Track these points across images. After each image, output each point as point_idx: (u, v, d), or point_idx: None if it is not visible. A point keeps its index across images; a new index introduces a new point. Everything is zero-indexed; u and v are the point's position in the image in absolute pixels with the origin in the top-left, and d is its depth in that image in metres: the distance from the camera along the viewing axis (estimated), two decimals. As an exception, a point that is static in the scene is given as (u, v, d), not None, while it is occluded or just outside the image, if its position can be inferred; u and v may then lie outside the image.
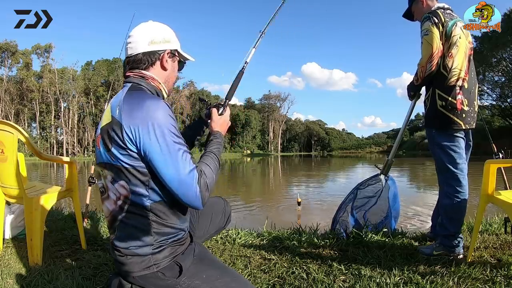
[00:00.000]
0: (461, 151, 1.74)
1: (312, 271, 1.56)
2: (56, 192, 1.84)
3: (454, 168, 1.73)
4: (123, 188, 0.91)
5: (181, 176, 0.87)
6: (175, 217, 0.97)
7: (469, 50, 1.77)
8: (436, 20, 1.69)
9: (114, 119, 0.89)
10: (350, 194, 2.40)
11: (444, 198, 1.77)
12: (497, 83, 34.56)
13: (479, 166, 1.77)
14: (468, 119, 1.72)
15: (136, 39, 1.01)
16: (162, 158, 0.87)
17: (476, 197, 1.72)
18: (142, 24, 1.05)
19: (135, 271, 0.94)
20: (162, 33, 1.04)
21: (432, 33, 1.67)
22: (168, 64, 1.06)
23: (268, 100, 74.02)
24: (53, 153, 44.91)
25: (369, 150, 76.75)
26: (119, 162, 0.89)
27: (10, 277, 1.51)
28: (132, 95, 0.93)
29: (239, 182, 11.12)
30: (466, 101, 1.70)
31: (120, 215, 0.93)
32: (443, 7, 1.79)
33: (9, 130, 1.68)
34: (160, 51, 1.03)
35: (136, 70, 1.02)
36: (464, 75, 1.71)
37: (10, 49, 43.40)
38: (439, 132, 1.77)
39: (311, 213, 4.91)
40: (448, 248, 1.73)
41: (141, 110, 0.87)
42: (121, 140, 0.87)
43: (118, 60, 48.65)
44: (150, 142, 0.86)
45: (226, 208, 1.43)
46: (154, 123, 0.86)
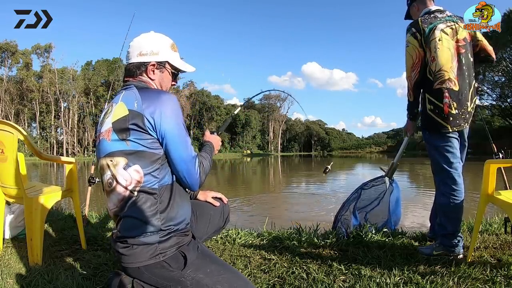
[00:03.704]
0: (454, 151, 1.77)
1: (312, 271, 1.56)
2: (56, 192, 1.84)
3: (449, 168, 1.76)
4: (137, 172, 0.99)
5: (189, 158, 1.04)
6: (180, 201, 1.06)
7: (457, 49, 1.74)
8: (414, 30, 1.77)
9: (132, 111, 1.00)
10: (354, 193, 2.40)
11: (441, 198, 1.79)
12: (497, 83, 34.56)
13: (479, 166, 1.78)
14: (457, 122, 1.73)
15: (130, 50, 1.15)
16: (177, 140, 1.03)
17: (476, 197, 1.71)
18: (141, 35, 1.17)
19: (141, 260, 0.98)
20: (151, 46, 1.14)
21: (411, 44, 1.77)
22: (154, 75, 1.16)
23: (268, 100, 74.01)
24: (53, 153, 44.89)
25: (369, 150, 76.78)
26: (138, 147, 0.99)
27: (10, 277, 1.51)
28: (147, 91, 1.05)
29: (239, 182, 11.12)
30: (454, 104, 1.71)
31: (130, 200, 0.99)
32: (429, 11, 1.83)
33: (9, 130, 1.68)
34: (146, 62, 1.14)
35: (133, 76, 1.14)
36: (454, 76, 1.71)
37: (10, 49, 43.40)
38: (431, 134, 1.81)
39: (312, 213, 4.90)
40: (448, 248, 1.73)
41: (160, 102, 1.01)
42: (142, 128, 0.99)
43: (118, 60, 48.69)
44: (168, 127, 1.01)
45: (224, 208, 1.43)
46: (172, 113, 1.02)
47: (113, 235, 1.07)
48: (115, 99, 1.11)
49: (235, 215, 4.52)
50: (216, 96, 67.27)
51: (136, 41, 1.15)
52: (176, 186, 1.06)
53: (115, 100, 1.09)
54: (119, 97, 1.08)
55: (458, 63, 1.74)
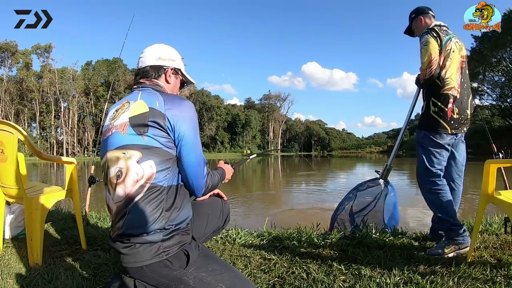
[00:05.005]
0: (441, 158, 1.89)
1: (312, 271, 1.56)
2: (56, 192, 1.84)
3: (433, 169, 1.87)
4: (150, 167, 1.01)
5: (200, 163, 1.10)
6: (183, 202, 1.09)
7: (461, 63, 1.90)
8: (435, 34, 1.85)
9: (154, 110, 1.04)
10: (349, 194, 2.40)
11: (429, 195, 1.89)
12: (497, 83, 34.50)
13: (479, 166, 1.78)
14: (456, 125, 1.87)
15: (146, 55, 1.22)
16: (192, 145, 1.08)
17: (476, 197, 1.71)
18: (155, 44, 1.25)
19: (144, 259, 0.98)
20: (169, 53, 1.24)
21: (430, 44, 1.82)
22: (171, 79, 1.23)
23: (268, 100, 74.04)
24: (53, 153, 44.89)
25: (369, 150, 76.74)
26: (154, 143, 1.02)
27: (10, 277, 1.51)
28: (169, 95, 1.12)
29: (239, 182, 11.12)
30: (457, 109, 1.85)
31: (138, 195, 0.99)
32: (439, 24, 1.93)
33: (9, 130, 1.67)
34: (165, 66, 1.22)
35: (149, 79, 1.19)
36: (457, 86, 1.86)
37: (10, 49, 43.40)
38: (426, 135, 1.90)
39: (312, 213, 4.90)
40: (457, 240, 1.77)
41: (182, 107, 1.08)
42: (161, 126, 1.03)
43: (118, 60, 48.75)
44: (186, 132, 1.06)
45: (224, 207, 1.43)
46: (191, 119, 1.09)
47: (112, 234, 1.05)
48: (130, 97, 1.13)
49: (235, 215, 4.52)
50: (216, 96, 67.26)
51: (153, 47, 1.23)
52: (181, 188, 1.09)
53: (132, 98, 1.11)
54: (136, 95, 1.11)
55: (461, 75, 1.89)
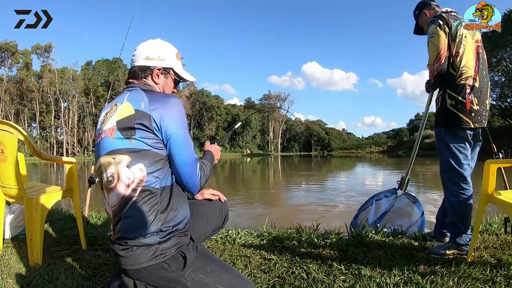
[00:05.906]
0: (466, 152, 1.77)
1: (312, 271, 1.56)
2: (56, 192, 1.84)
3: (458, 167, 1.76)
4: (140, 170, 1.00)
5: (191, 161, 1.06)
6: (179, 202, 1.07)
7: (476, 48, 1.79)
8: (442, 22, 1.74)
9: (139, 111, 1.02)
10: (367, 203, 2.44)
11: (451, 197, 1.79)
12: (497, 83, 34.48)
13: (479, 166, 1.78)
14: (478, 118, 1.74)
15: (137, 53, 1.18)
16: (181, 143, 1.05)
17: (476, 197, 1.71)
18: (148, 41, 1.21)
19: (141, 262, 0.97)
20: (158, 52, 1.18)
21: (437, 35, 1.73)
22: (158, 79, 1.19)
23: (268, 100, 74.02)
24: (53, 153, 44.87)
25: (369, 150, 76.70)
26: (143, 146, 1.00)
27: (10, 277, 1.51)
28: (155, 94, 1.09)
29: (239, 182, 11.12)
30: (476, 100, 1.72)
31: (132, 199, 0.99)
32: (447, 10, 1.83)
33: (9, 130, 1.67)
34: (152, 66, 1.17)
35: (137, 79, 1.16)
36: (474, 73, 1.73)
37: (10, 49, 43.40)
38: (447, 131, 1.79)
39: (312, 213, 4.90)
40: (461, 246, 1.75)
41: (168, 105, 1.04)
42: (147, 128, 1.00)
43: (118, 60, 48.74)
44: (173, 130, 1.03)
45: (223, 206, 1.43)
46: (178, 117, 1.05)
47: (111, 237, 1.07)
48: (118, 99, 1.11)
49: (235, 215, 4.52)
50: (216, 96, 67.25)
51: (144, 46, 1.19)
52: (175, 187, 1.07)
53: (119, 100, 1.09)
54: (123, 98, 1.09)
55: (477, 62, 1.77)
